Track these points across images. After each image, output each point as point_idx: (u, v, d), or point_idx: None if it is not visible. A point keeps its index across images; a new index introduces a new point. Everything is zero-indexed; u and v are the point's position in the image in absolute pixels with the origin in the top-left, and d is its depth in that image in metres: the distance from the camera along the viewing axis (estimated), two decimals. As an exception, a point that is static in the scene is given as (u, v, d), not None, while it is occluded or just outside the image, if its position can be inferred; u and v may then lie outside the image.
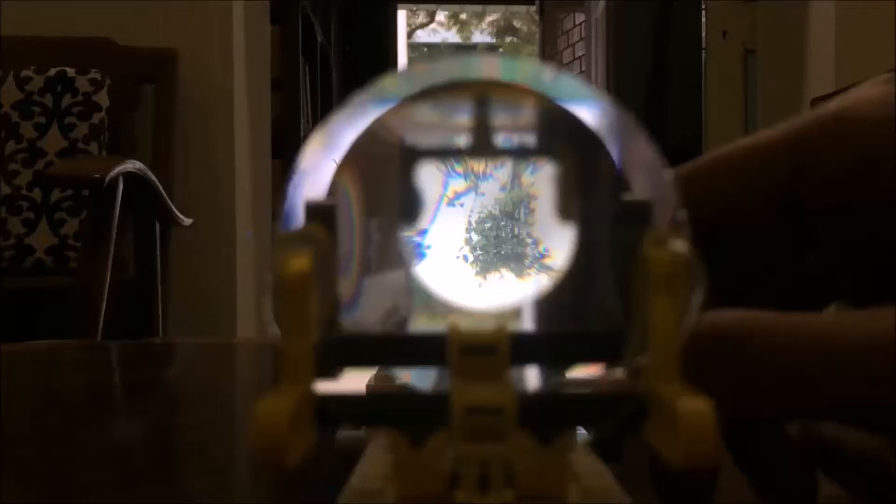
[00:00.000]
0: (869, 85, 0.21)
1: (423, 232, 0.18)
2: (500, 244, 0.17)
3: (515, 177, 0.18)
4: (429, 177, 0.18)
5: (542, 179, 0.18)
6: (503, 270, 0.18)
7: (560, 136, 0.18)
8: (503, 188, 0.18)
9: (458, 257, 0.18)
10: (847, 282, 0.22)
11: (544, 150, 0.18)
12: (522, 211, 0.17)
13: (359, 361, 0.17)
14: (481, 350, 0.16)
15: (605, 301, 0.18)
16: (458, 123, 0.18)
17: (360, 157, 0.18)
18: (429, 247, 0.18)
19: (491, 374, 0.15)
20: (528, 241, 0.18)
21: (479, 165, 0.17)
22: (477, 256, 0.18)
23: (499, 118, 0.18)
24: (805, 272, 0.23)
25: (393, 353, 0.18)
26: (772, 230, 0.22)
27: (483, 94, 0.18)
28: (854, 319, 0.18)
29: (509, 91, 0.18)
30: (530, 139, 0.18)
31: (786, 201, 0.21)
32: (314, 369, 0.15)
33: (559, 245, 0.17)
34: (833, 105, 0.21)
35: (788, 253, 0.22)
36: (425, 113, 0.18)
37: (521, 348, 0.16)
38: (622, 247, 0.16)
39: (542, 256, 0.18)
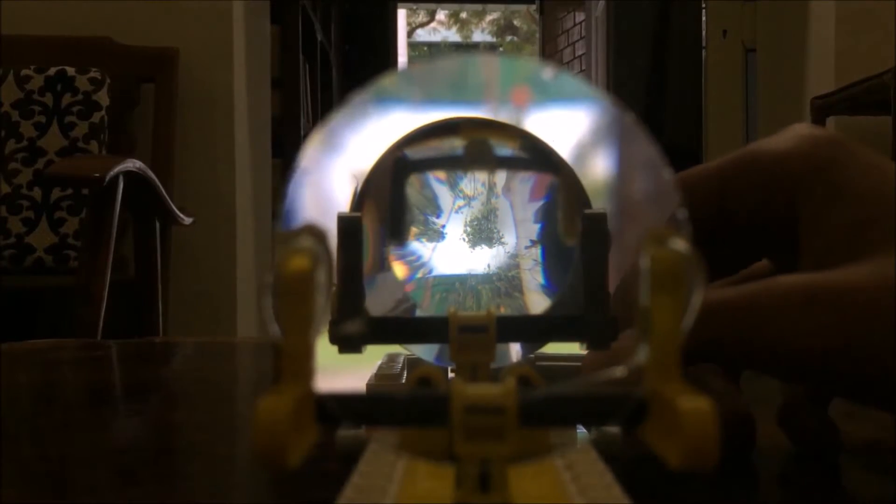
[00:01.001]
0: (789, 130, 0.28)
1: (444, 225, 0.27)
2: (481, 233, 0.27)
3: (489, 199, 0.27)
4: (444, 197, 0.27)
5: (504, 201, 0.27)
6: (483, 246, 0.27)
7: (532, 163, 0.27)
8: (482, 204, 0.27)
9: (460, 238, 0.27)
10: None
11: (527, 166, 0.27)
12: (492, 217, 0.27)
13: (378, 339, 0.25)
14: (474, 329, 0.22)
15: (576, 292, 0.25)
16: (457, 147, 0.27)
17: (378, 182, 0.26)
18: (445, 233, 0.27)
19: (482, 348, 0.22)
20: (495, 231, 0.27)
21: (470, 191, 0.27)
22: (469, 238, 0.27)
23: (487, 148, 0.27)
24: (741, 264, 0.30)
25: (404, 332, 0.25)
26: (713, 240, 0.28)
27: (474, 138, 0.26)
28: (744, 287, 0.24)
29: (496, 132, 0.26)
30: (511, 165, 0.27)
31: (721, 220, 0.28)
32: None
33: (511, 234, 0.27)
34: (749, 146, 0.28)
35: (726, 259, 0.29)
36: (428, 148, 0.27)
37: (506, 328, 0.24)
38: (588, 251, 0.24)
39: (500, 240, 0.27)
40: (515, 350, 0.28)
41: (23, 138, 1.69)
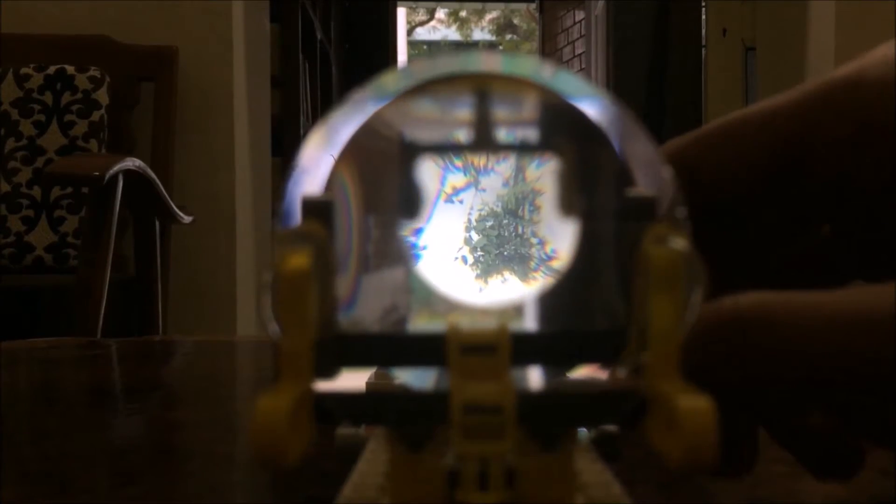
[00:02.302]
0: (885, 46, 0.19)
1: (419, 231, 0.17)
2: (502, 244, 0.16)
3: (519, 171, 0.16)
4: (425, 171, 0.17)
5: (549, 174, 0.16)
6: (506, 273, 0.17)
7: (563, 130, 0.17)
8: (506, 183, 0.16)
9: (456, 259, 0.17)
10: (857, 258, 0.21)
11: (547, 144, 0.17)
12: (527, 208, 0.16)
13: (357, 361, 0.17)
14: (481, 349, 0.15)
15: (608, 299, 0.17)
16: (458, 118, 0.17)
17: (359, 152, 0.17)
18: (424, 247, 0.17)
19: (491, 375, 0.15)
20: (534, 240, 0.16)
21: (479, 159, 0.16)
22: (477, 258, 0.16)
23: (500, 112, 0.17)
24: (813, 248, 0.21)
25: (392, 353, 0.17)
26: (774, 203, 0.21)
27: (483, 87, 0.17)
28: (859, 295, 0.17)
29: (510, 84, 0.17)
30: (533, 133, 0.17)
31: (789, 172, 0.20)
32: (312, 369, 0.15)
33: (567, 245, 0.16)
34: (842, 70, 0.19)
35: (793, 228, 0.21)
36: (424, 107, 0.17)
37: (523, 348, 0.15)
38: (626, 244, 0.16)
39: (550, 258, 0.17)
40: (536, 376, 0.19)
41: (22, 137, 1.69)
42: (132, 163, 1.47)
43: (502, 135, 0.17)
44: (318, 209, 0.16)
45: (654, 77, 4.58)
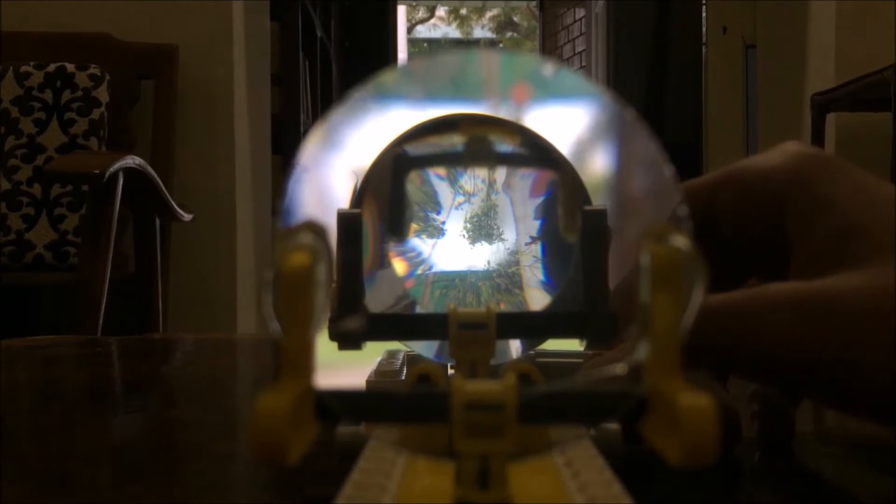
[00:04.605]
0: (779, 147, 0.28)
1: (444, 222, 0.27)
2: (481, 229, 0.27)
3: (489, 196, 0.27)
4: (444, 193, 0.27)
5: (504, 197, 0.27)
6: (483, 242, 0.27)
7: (532, 159, 0.27)
8: (482, 201, 0.27)
9: (460, 235, 0.27)
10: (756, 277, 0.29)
11: (524, 163, 0.27)
12: (492, 213, 0.27)
13: (379, 335, 0.25)
14: (474, 326, 0.23)
15: (575, 289, 0.26)
16: (457, 143, 0.27)
17: (378, 176, 0.26)
18: (445, 230, 0.27)
19: (482, 344, 0.23)
20: (495, 228, 0.27)
21: (470, 188, 0.27)
22: (469, 234, 0.27)
23: (487, 144, 0.27)
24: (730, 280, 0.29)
25: (405, 328, 0.26)
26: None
27: (474, 134, 0.26)
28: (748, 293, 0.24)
29: (495, 129, 0.26)
30: (510, 161, 0.27)
31: (707, 230, 0.27)
32: (339, 343, 0.20)
33: (511, 231, 0.27)
34: (740, 162, 0.28)
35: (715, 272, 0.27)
36: (424, 145, 0.27)
37: (507, 325, 0.24)
38: (587, 246, 0.24)
39: (500, 236, 0.27)
40: (515, 347, 0.28)
41: (22, 135, 1.69)
42: (132, 161, 1.46)
43: (492, 157, 0.27)
44: (349, 220, 0.24)
45: (654, 74, 4.58)
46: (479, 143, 0.26)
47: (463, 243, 0.27)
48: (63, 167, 1.45)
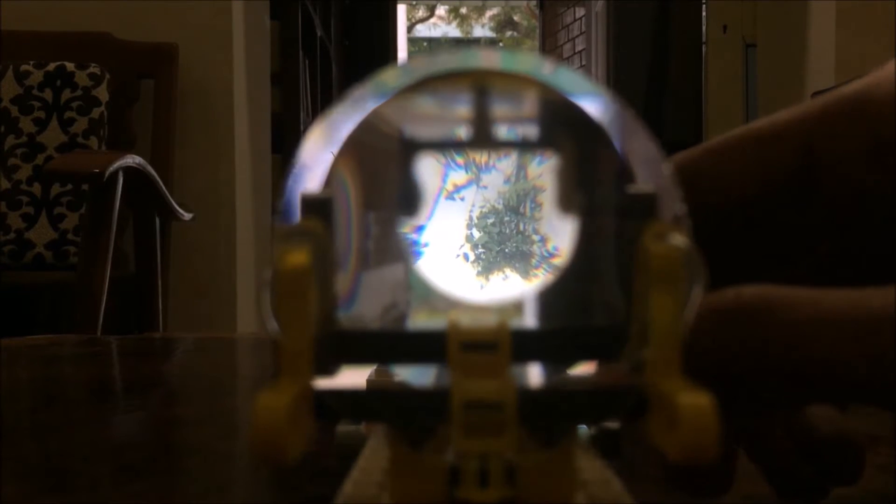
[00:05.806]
0: (892, 63, 0.20)
1: (420, 228, 0.17)
2: (503, 241, 0.16)
3: (521, 168, 0.16)
4: (426, 168, 0.16)
5: (550, 171, 0.16)
6: (507, 270, 0.17)
7: (563, 126, 0.17)
8: (507, 180, 0.16)
9: (457, 256, 0.17)
10: (853, 273, 0.20)
11: (547, 141, 0.17)
12: (528, 205, 0.16)
13: (357, 358, 0.17)
14: (482, 347, 0.15)
15: (608, 295, 0.17)
16: (458, 114, 0.17)
17: (358, 149, 0.17)
18: (426, 245, 0.17)
19: (492, 372, 0.15)
20: (535, 237, 0.17)
21: (481, 156, 0.16)
22: (479, 255, 0.16)
23: (500, 109, 0.17)
24: (820, 261, 0.21)
25: (392, 350, 0.17)
26: (784, 217, 0.21)
27: (483, 84, 0.17)
28: (858, 295, 0.17)
29: (510, 80, 0.17)
30: (533, 130, 0.17)
31: (799, 185, 0.20)
32: (312, 366, 0.15)
33: (569, 242, 0.16)
34: (851, 87, 0.20)
35: (801, 241, 0.21)
36: (424, 104, 0.17)
37: (523, 345, 0.15)
38: (626, 240, 0.16)
39: (551, 255, 0.17)
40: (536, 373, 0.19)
41: (22, 134, 1.69)
42: (132, 160, 1.46)
43: (503, 132, 0.17)
44: (317, 206, 0.16)
45: (654, 73, 4.58)
46: (485, 123, 0.18)
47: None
48: (63, 166, 1.45)
